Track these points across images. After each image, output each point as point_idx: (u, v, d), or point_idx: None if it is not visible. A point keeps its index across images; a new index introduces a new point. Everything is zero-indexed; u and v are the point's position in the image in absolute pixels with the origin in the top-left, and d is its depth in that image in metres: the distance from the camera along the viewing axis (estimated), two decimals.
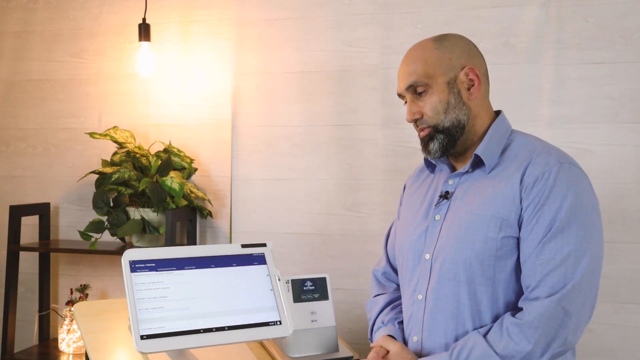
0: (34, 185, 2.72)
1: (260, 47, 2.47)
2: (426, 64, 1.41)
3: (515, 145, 1.42)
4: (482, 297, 1.36)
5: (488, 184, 1.39)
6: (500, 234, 1.34)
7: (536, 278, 1.30)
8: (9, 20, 2.73)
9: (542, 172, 1.34)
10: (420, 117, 1.43)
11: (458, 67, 1.42)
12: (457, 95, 1.41)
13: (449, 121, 1.41)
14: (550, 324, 1.28)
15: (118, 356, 1.44)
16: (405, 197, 1.63)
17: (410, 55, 1.45)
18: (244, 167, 2.49)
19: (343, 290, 2.35)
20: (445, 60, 1.42)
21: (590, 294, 1.31)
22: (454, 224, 1.40)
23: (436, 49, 1.42)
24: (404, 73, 1.44)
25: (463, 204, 1.41)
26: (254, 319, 1.41)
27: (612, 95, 2.16)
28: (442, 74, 1.41)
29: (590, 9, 2.17)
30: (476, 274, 1.35)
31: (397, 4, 2.34)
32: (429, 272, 1.42)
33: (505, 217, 1.34)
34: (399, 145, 2.34)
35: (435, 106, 1.40)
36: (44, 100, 2.71)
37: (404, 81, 1.43)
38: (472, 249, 1.35)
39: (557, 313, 1.28)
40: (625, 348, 2.14)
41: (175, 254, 1.42)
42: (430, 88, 1.41)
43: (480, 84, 1.42)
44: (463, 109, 1.41)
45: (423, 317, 1.42)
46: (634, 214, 2.14)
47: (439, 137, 1.41)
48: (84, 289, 2.55)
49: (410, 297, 1.46)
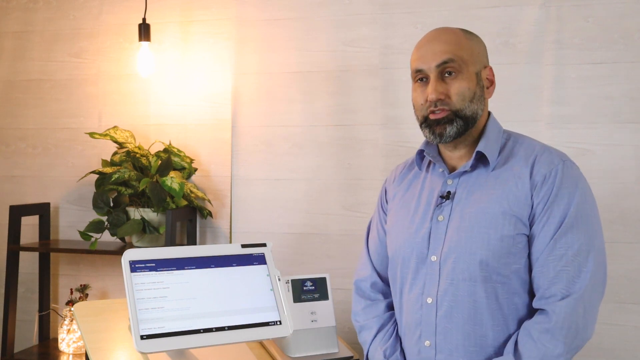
0: (34, 185, 2.72)
1: (260, 47, 2.47)
2: (462, 48, 1.41)
3: (513, 143, 1.44)
4: (498, 295, 1.36)
5: (494, 182, 1.39)
6: (515, 231, 1.35)
7: (550, 275, 1.32)
8: (9, 20, 2.73)
9: (549, 170, 1.36)
10: (445, 99, 1.40)
11: (482, 64, 1.44)
12: (481, 88, 1.43)
13: (470, 111, 1.41)
14: (574, 320, 1.31)
15: (118, 356, 1.44)
16: (392, 200, 1.58)
17: (443, 35, 1.43)
18: (244, 167, 2.49)
19: (343, 290, 2.35)
20: (475, 51, 1.43)
21: (601, 285, 1.35)
22: (464, 224, 1.39)
23: (468, 39, 1.44)
24: (438, 49, 1.40)
25: (470, 203, 1.40)
26: (254, 319, 1.41)
27: (612, 95, 2.16)
28: (474, 63, 1.42)
29: (590, 9, 2.17)
30: (492, 272, 1.35)
31: (397, 4, 2.34)
32: (437, 275, 1.41)
33: (519, 214, 1.35)
34: (399, 145, 2.34)
35: (463, 91, 1.39)
36: (44, 100, 2.71)
37: (438, 57, 1.40)
38: (488, 247, 1.35)
39: (578, 310, 1.31)
40: (625, 348, 2.14)
41: (175, 254, 1.42)
42: (461, 73, 1.40)
43: (494, 85, 1.46)
44: (481, 104, 1.43)
45: (435, 320, 1.40)
46: (634, 214, 2.14)
47: (458, 122, 1.40)
48: (84, 289, 2.55)
49: (417, 301, 1.43)
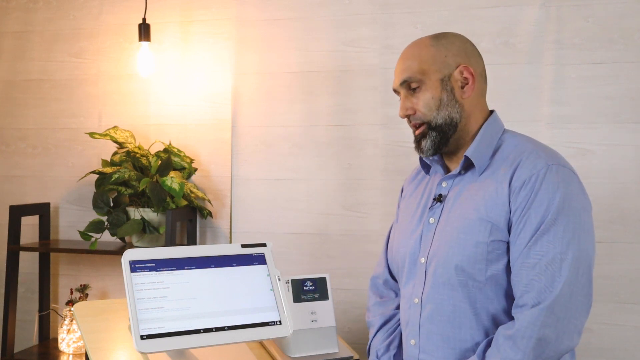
0: (34, 185, 2.72)
1: (260, 47, 2.47)
2: (421, 60, 1.42)
3: (506, 146, 1.42)
4: (477, 300, 1.35)
5: (479, 186, 1.39)
6: (490, 237, 1.34)
7: (523, 283, 1.29)
8: (9, 20, 2.73)
9: (530, 175, 1.33)
10: (413, 113, 1.43)
11: (453, 65, 1.42)
12: (450, 92, 1.41)
13: (442, 118, 1.41)
14: (541, 330, 1.26)
15: (118, 356, 1.44)
16: (403, 199, 1.62)
17: (406, 52, 1.46)
18: (244, 167, 2.49)
19: (343, 290, 2.35)
20: (440, 57, 1.42)
21: (581, 295, 1.29)
22: (447, 228, 1.40)
23: (432, 46, 1.43)
24: (400, 69, 1.45)
25: (455, 207, 1.40)
26: (254, 319, 1.41)
27: (612, 95, 2.16)
28: (436, 71, 1.41)
29: (590, 9, 2.17)
30: (468, 278, 1.35)
31: (397, 4, 2.34)
32: (424, 276, 1.42)
33: (495, 221, 1.34)
34: (399, 145, 2.34)
35: (427, 102, 1.41)
36: (44, 100, 2.71)
37: (399, 77, 1.45)
38: (463, 253, 1.35)
39: (549, 320, 1.26)
40: (625, 348, 2.14)
41: (175, 254, 1.42)
42: (423, 84, 1.41)
43: (474, 82, 1.42)
44: (456, 107, 1.41)
45: (419, 320, 1.42)
46: (634, 214, 2.14)
47: (431, 134, 1.42)
48: (84, 289, 2.55)
49: (408, 301, 1.46)
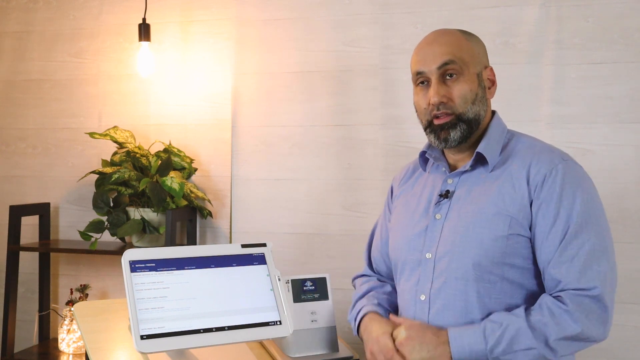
0: (34, 185, 2.72)
1: (260, 47, 2.47)
2: (461, 49, 1.40)
3: (515, 143, 1.43)
4: (491, 295, 1.35)
5: (492, 183, 1.39)
6: (509, 231, 1.34)
7: (561, 273, 1.30)
8: (9, 20, 2.73)
9: (549, 169, 1.34)
10: (447, 102, 1.39)
11: (482, 64, 1.43)
12: (483, 89, 1.42)
13: (473, 113, 1.40)
14: (591, 317, 1.28)
15: (118, 356, 1.44)
16: (397, 199, 1.60)
17: (442, 37, 1.42)
18: (244, 167, 2.49)
19: (343, 290, 2.35)
20: (475, 52, 1.43)
21: (615, 284, 1.34)
22: (460, 224, 1.39)
23: (467, 40, 1.43)
24: (438, 52, 1.39)
25: (467, 203, 1.40)
26: (254, 319, 1.41)
27: (612, 95, 2.16)
28: (474, 64, 1.41)
29: (590, 9, 2.17)
30: (485, 272, 1.34)
31: (397, 4, 2.34)
32: (431, 272, 1.40)
33: (514, 215, 1.34)
34: (399, 145, 2.34)
35: (465, 94, 1.39)
36: (44, 100, 2.71)
37: (439, 58, 1.39)
38: (481, 247, 1.35)
39: (599, 310, 1.29)
40: (626, 348, 2.14)
41: (175, 254, 1.42)
42: (461, 75, 1.39)
43: (496, 85, 1.45)
44: (484, 105, 1.42)
45: (428, 317, 1.39)
46: (634, 214, 2.14)
47: (462, 126, 1.39)
48: (84, 289, 2.55)
49: (412, 298, 1.43)
